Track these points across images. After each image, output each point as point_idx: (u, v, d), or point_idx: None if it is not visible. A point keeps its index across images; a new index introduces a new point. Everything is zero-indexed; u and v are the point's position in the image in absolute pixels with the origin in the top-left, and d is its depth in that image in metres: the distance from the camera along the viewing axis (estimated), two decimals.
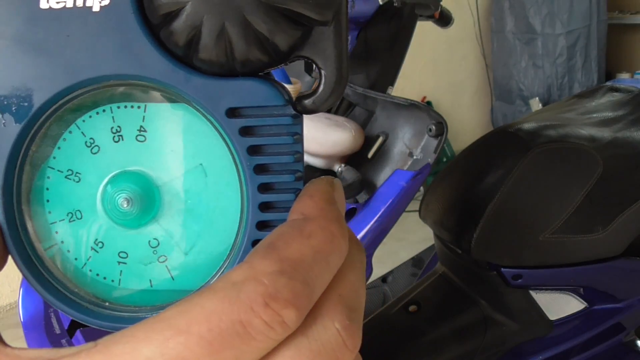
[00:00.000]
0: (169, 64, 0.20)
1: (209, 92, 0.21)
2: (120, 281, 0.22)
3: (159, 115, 0.21)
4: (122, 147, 0.21)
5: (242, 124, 0.21)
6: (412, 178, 0.92)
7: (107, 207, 0.21)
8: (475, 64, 3.60)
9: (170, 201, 0.22)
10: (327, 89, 0.22)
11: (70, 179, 0.22)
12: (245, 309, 0.17)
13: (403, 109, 0.97)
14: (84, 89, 0.21)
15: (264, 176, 0.21)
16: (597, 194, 1.01)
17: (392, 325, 1.10)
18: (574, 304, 1.12)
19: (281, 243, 0.18)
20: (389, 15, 1.02)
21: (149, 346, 0.17)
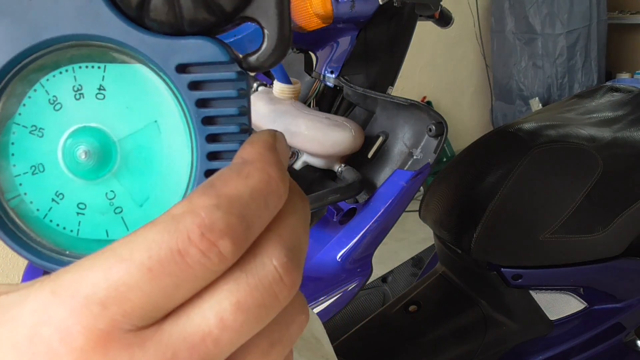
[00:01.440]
0: (123, 24, 0.22)
1: (160, 50, 0.22)
2: (79, 231, 0.24)
3: (117, 75, 0.23)
4: (83, 104, 0.23)
5: (191, 79, 0.23)
6: (412, 178, 0.92)
7: (67, 159, 0.23)
8: (475, 64, 3.60)
9: (126, 156, 0.23)
10: (269, 47, 0.23)
11: (34, 134, 0.23)
12: (183, 239, 0.18)
13: (403, 109, 0.97)
14: (46, 50, 0.22)
15: (211, 127, 0.23)
16: (597, 194, 1.01)
17: (392, 325, 1.10)
18: (574, 304, 1.12)
19: (219, 182, 0.20)
20: (389, 15, 1.02)
21: (94, 273, 0.18)
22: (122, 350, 0.18)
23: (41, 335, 0.18)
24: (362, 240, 0.94)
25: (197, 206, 0.19)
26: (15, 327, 0.18)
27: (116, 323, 0.18)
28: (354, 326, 1.10)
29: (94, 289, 0.18)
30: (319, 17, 0.93)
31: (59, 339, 0.18)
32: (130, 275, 0.18)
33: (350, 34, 1.02)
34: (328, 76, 1.04)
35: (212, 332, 0.19)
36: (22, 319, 0.18)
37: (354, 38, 1.02)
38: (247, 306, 0.19)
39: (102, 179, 0.23)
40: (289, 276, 0.20)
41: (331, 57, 1.04)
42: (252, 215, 0.19)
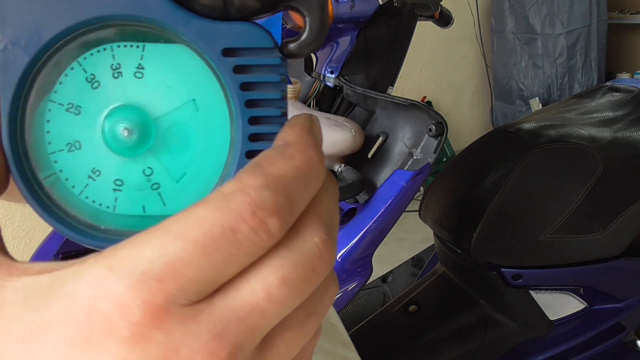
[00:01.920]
0: (171, 6, 0.22)
1: (207, 33, 0.23)
2: (115, 207, 0.24)
3: (156, 54, 0.23)
4: (121, 82, 0.23)
5: (236, 62, 0.23)
6: (412, 178, 0.92)
7: (107, 136, 0.23)
8: (475, 64, 3.60)
9: (163, 133, 0.24)
10: (310, 35, 0.24)
11: (71, 111, 0.23)
12: (235, 216, 0.19)
13: (403, 109, 0.97)
14: (89, 27, 0.22)
15: (254, 110, 0.24)
16: (597, 194, 1.01)
17: (392, 325, 1.10)
18: (574, 304, 1.12)
19: (266, 162, 0.21)
20: (389, 15, 1.02)
21: (150, 249, 0.19)
22: (177, 323, 0.18)
23: (99, 310, 0.18)
24: (362, 240, 0.94)
25: (247, 185, 0.20)
26: (71, 302, 0.19)
27: (172, 297, 0.18)
28: (354, 326, 1.10)
29: (151, 264, 0.18)
30: None
31: (117, 313, 0.18)
32: (185, 251, 0.19)
33: (350, 34, 1.02)
34: (328, 76, 1.04)
35: (260, 304, 0.20)
36: (79, 294, 0.19)
37: (354, 38, 1.02)
38: (291, 280, 0.20)
39: (140, 156, 0.23)
40: (328, 252, 0.21)
41: (331, 57, 1.04)
42: (296, 194, 0.20)
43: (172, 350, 0.18)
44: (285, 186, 0.20)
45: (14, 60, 0.22)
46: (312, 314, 0.22)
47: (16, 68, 0.22)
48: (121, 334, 0.18)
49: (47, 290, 0.19)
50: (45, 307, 0.19)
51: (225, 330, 0.19)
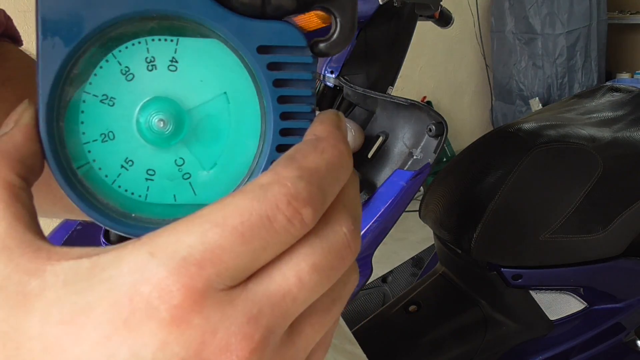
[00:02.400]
0: (210, 4, 0.23)
1: (243, 30, 0.23)
2: (147, 196, 0.25)
3: (189, 48, 0.24)
4: (155, 75, 0.24)
5: (270, 59, 0.24)
6: (412, 178, 0.92)
7: (142, 127, 0.24)
8: (475, 64, 3.60)
9: (196, 124, 0.24)
10: (341, 35, 0.25)
11: (105, 103, 0.23)
12: (272, 206, 0.20)
13: (403, 109, 0.97)
14: (128, 21, 0.23)
15: (286, 105, 0.24)
16: (597, 194, 1.01)
17: (392, 325, 1.10)
18: (574, 304, 1.12)
19: (300, 155, 0.22)
20: (389, 15, 1.02)
21: (190, 236, 0.19)
22: (215, 307, 0.19)
23: (141, 293, 0.19)
24: (362, 240, 0.94)
25: (283, 177, 0.21)
26: (113, 286, 0.19)
27: (211, 282, 0.19)
28: (354, 326, 1.10)
29: (191, 250, 0.19)
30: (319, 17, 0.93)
31: (159, 297, 0.19)
32: (224, 238, 0.19)
33: None
34: (328, 76, 1.04)
35: (292, 290, 0.20)
36: (121, 279, 0.19)
37: (354, 38, 1.02)
38: (321, 267, 0.21)
39: (172, 147, 0.24)
40: (354, 241, 0.22)
41: (331, 57, 1.04)
42: (327, 186, 0.21)
43: (209, 332, 0.19)
44: (318, 178, 0.21)
45: (54, 51, 0.22)
46: (336, 301, 0.23)
47: (56, 59, 0.22)
48: (161, 317, 0.19)
49: (88, 274, 0.20)
50: (86, 291, 0.19)
51: (259, 314, 0.20)
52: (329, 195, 0.22)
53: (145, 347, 0.19)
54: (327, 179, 0.22)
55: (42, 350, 0.19)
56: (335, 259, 0.21)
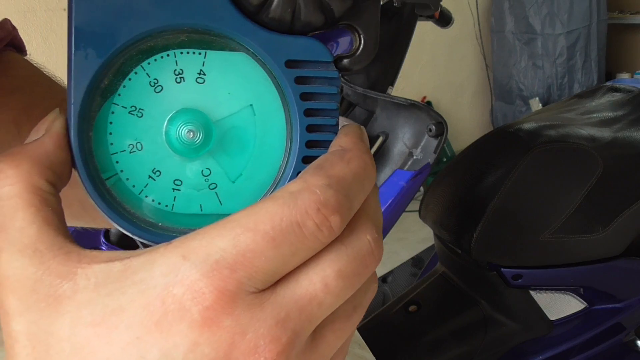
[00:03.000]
0: (241, 19, 0.24)
1: (273, 45, 0.24)
2: (174, 206, 0.25)
3: (217, 61, 0.24)
4: (183, 87, 0.24)
5: (298, 73, 0.25)
6: (412, 178, 0.92)
7: (172, 138, 0.24)
8: (475, 64, 3.60)
9: (222, 136, 0.25)
10: (364, 52, 0.26)
11: (134, 114, 0.24)
12: (301, 213, 0.21)
13: (403, 109, 0.97)
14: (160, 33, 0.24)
15: (312, 118, 0.25)
16: (597, 194, 1.01)
17: (392, 325, 1.10)
18: (574, 304, 1.12)
19: (327, 165, 0.22)
20: (389, 15, 1.02)
21: (222, 240, 0.20)
22: (245, 310, 0.20)
23: (173, 295, 0.19)
24: None
25: (312, 185, 0.21)
26: (145, 288, 0.20)
27: (242, 285, 0.20)
28: None
29: (224, 254, 0.20)
30: None
31: (191, 298, 0.19)
32: (256, 243, 0.20)
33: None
34: None
35: (318, 295, 0.21)
36: (153, 281, 0.20)
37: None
38: (346, 274, 0.22)
39: (199, 157, 0.25)
40: (378, 249, 0.23)
41: None
42: (353, 195, 0.22)
43: (239, 334, 0.20)
44: (346, 187, 0.22)
45: (86, 62, 0.23)
46: (357, 308, 0.23)
47: (88, 70, 0.23)
48: (193, 318, 0.19)
49: (120, 276, 0.20)
50: (118, 293, 0.20)
51: (287, 318, 0.20)
52: (355, 204, 0.22)
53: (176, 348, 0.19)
54: (353, 188, 0.22)
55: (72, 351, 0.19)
56: (360, 266, 0.22)
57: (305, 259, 0.21)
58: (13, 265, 0.20)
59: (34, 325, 0.20)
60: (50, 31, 2.25)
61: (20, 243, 0.21)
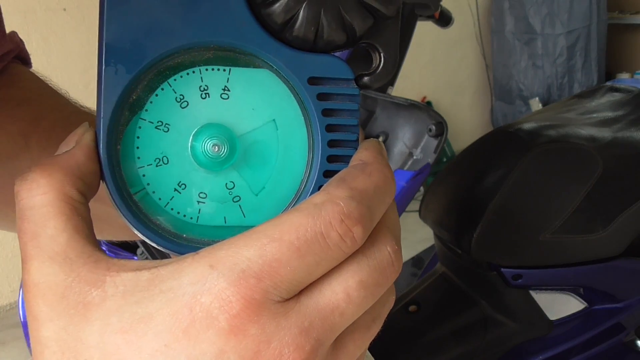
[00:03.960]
0: (266, 38, 0.24)
1: (296, 62, 0.25)
2: (199, 218, 0.26)
3: (241, 77, 0.25)
4: (208, 103, 0.25)
5: (320, 90, 0.25)
6: (412, 178, 0.92)
7: (198, 152, 0.25)
8: (475, 64, 3.60)
9: (246, 150, 0.26)
10: (385, 71, 0.27)
11: (160, 129, 0.25)
12: (325, 223, 0.21)
13: (403, 109, 0.97)
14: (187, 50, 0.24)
15: (334, 134, 0.26)
16: (597, 194, 1.01)
17: (392, 325, 1.10)
18: (574, 304, 1.12)
19: (350, 177, 0.23)
20: None
21: (249, 250, 0.20)
22: (270, 318, 0.20)
23: (201, 303, 0.20)
24: None
25: (335, 196, 0.22)
26: (173, 296, 0.20)
27: (268, 294, 0.20)
28: None
29: (250, 263, 0.20)
30: None
31: (219, 307, 0.20)
32: (281, 253, 0.20)
33: None
34: None
35: (340, 305, 0.21)
36: (181, 290, 0.20)
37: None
38: (367, 284, 0.22)
39: (224, 171, 0.25)
40: (398, 261, 0.23)
41: None
42: (375, 207, 0.23)
43: (264, 342, 0.20)
44: (368, 199, 0.22)
45: (116, 77, 0.24)
46: (376, 319, 0.24)
47: (118, 85, 0.24)
48: (220, 326, 0.20)
49: (148, 285, 0.21)
50: (146, 301, 0.20)
51: (310, 327, 0.21)
52: (377, 216, 0.23)
53: (204, 355, 0.20)
54: (375, 200, 0.23)
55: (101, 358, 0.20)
56: (381, 276, 0.22)
57: (328, 269, 0.22)
58: (44, 272, 0.21)
59: (64, 332, 0.20)
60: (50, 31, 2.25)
61: (51, 250, 0.21)
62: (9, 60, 0.44)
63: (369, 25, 0.26)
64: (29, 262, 0.21)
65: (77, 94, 0.49)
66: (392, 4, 0.26)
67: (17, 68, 0.45)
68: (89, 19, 2.33)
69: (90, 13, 2.33)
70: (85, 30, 2.32)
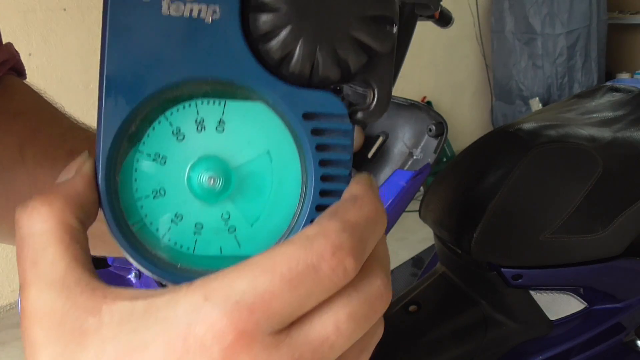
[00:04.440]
0: (262, 73, 0.25)
1: (291, 98, 0.25)
2: (195, 249, 0.26)
3: (236, 110, 0.26)
4: (204, 136, 0.25)
5: (314, 126, 0.26)
6: (412, 178, 0.92)
7: (194, 184, 0.25)
8: (475, 64, 3.60)
9: (241, 181, 0.26)
10: (378, 107, 0.27)
11: (157, 161, 0.25)
12: (317, 256, 0.21)
13: (403, 109, 0.97)
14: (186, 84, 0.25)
15: (327, 169, 0.26)
16: (597, 194, 1.01)
17: (392, 325, 1.10)
18: (574, 304, 1.12)
19: (342, 210, 0.23)
20: None
21: (242, 282, 0.21)
22: (262, 349, 0.21)
23: (195, 334, 0.20)
24: None
25: (327, 229, 0.22)
26: (168, 326, 0.20)
27: (260, 326, 0.21)
28: None
29: (243, 295, 0.20)
30: None
31: (212, 337, 0.20)
32: (274, 285, 0.21)
33: None
34: None
35: (330, 337, 0.22)
36: (176, 320, 0.20)
37: None
38: (357, 317, 0.22)
39: (219, 202, 0.26)
40: (387, 294, 0.24)
41: None
42: (366, 239, 0.23)
43: None
44: (359, 232, 0.23)
45: (116, 109, 0.24)
46: (364, 350, 0.24)
47: (117, 116, 0.24)
48: (213, 357, 0.20)
49: (143, 314, 0.21)
50: (141, 329, 0.21)
51: (300, 358, 0.21)
52: (368, 248, 0.23)
53: None
54: (366, 233, 0.23)
55: None
56: (370, 309, 0.23)
57: (319, 301, 0.22)
58: (42, 298, 0.21)
59: (60, 357, 0.21)
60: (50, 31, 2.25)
61: (49, 277, 0.22)
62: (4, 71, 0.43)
63: (363, 62, 0.26)
64: (28, 289, 0.22)
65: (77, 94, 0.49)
66: (387, 42, 0.26)
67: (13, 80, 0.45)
68: (89, 19, 2.33)
69: (91, 13, 2.33)
70: (85, 30, 2.32)
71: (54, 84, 2.19)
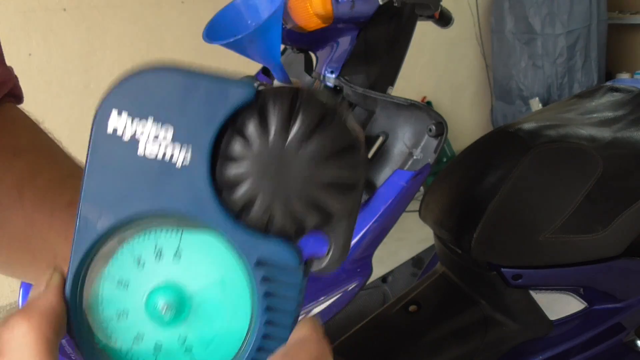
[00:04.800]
0: (226, 217, 0.26)
1: (248, 244, 0.27)
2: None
3: (192, 240, 0.27)
4: (162, 264, 0.27)
5: (265, 273, 0.27)
6: (412, 178, 0.92)
7: (149, 309, 0.27)
8: (475, 64, 3.60)
9: (196, 306, 0.28)
10: (332, 260, 0.28)
11: (120, 286, 0.27)
12: None
13: (403, 109, 0.97)
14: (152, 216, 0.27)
15: (271, 314, 0.28)
16: (597, 194, 1.01)
17: (392, 325, 1.10)
18: (574, 304, 1.12)
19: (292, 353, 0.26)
20: (389, 15, 1.02)
21: None
22: None
23: None
24: (362, 241, 0.93)
25: None
26: None
27: None
28: (354, 326, 1.10)
29: None
30: (319, 17, 0.93)
31: None
32: None
33: (350, 34, 1.02)
34: (328, 76, 1.04)
35: None
36: None
37: (354, 38, 1.02)
38: None
39: (176, 325, 0.28)
40: None
41: (331, 57, 1.04)
42: None
43: None
44: None
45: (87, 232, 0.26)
46: None
47: (87, 239, 0.27)
48: None
49: None
50: None
51: None
52: None
53: None
54: None
55: None
56: None
57: None
58: None
59: None
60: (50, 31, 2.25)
61: None
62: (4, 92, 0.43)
63: (317, 223, 0.27)
64: None
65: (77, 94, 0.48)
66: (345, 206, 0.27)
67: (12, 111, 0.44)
68: (89, 19, 2.33)
69: (91, 13, 2.33)
70: (85, 30, 2.32)
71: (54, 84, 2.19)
